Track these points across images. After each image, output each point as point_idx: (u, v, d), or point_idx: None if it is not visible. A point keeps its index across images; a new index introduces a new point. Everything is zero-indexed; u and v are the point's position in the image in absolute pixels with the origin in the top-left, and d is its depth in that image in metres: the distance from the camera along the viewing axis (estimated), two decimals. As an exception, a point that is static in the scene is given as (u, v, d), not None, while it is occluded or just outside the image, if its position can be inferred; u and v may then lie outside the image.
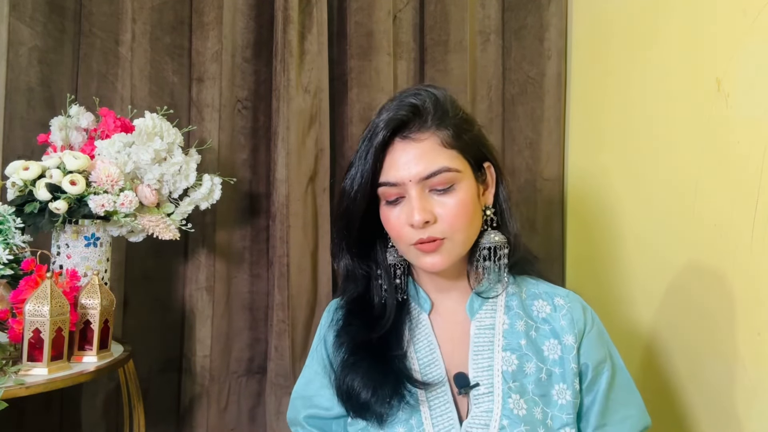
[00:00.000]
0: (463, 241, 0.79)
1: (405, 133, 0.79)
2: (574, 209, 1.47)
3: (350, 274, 0.89)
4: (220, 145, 1.32)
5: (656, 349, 1.13)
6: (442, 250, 0.78)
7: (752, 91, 0.92)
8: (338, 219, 0.86)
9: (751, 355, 0.91)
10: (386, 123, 0.78)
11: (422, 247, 0.78)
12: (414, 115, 0.79)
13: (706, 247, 1.01)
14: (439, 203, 0.78)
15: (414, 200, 0.77)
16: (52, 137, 1.14)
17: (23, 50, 1.20)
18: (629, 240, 1.23)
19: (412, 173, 0.77)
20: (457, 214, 0.77)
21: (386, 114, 0.79)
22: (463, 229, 0.79)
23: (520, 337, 0.81)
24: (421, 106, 0.79)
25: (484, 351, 0.80)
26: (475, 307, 0.84)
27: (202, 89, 1.34)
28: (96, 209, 1.03)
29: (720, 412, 0.97)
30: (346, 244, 0.86)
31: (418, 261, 0.80)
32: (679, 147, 1.08)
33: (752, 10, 0.92)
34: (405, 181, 0.77)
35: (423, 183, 0.77)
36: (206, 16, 1.33)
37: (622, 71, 1.28)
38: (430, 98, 0.80)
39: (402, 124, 0.79)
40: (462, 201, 0.78)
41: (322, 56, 1.35)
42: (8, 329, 0.96)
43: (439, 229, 0.77)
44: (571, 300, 0.85)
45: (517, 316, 0.83)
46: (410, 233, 0.78)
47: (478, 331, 0.82)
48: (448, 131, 0.79)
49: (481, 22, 1.50)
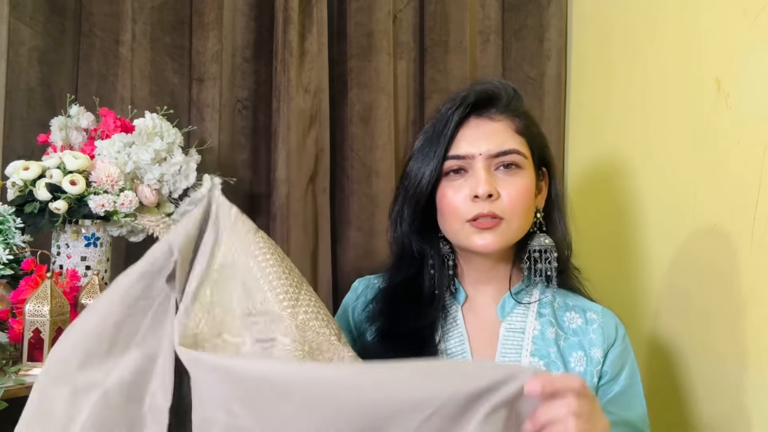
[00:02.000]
0: (517, 228, 0.80)
1: (481, 111, 0.81)
2: (573, 209, 1.47)
3: (405, 251, 0.87)
4: (220, 145, 1.32)
5: (656, 348, 1.13)
6: (497, 231, 0.78)
7: (752, 91, 0.92)
8: (405, 191, 0.85)
9: (751, 355, 0.91)
10: (468, 98, 0.81)
11: (479, 223, 0.78)
12: (494, 96, 0.82)
13: (706, 247, 1.01)
14: (502, 183, 0.78)
15: (480, 172, 0.78)
16: (52, 137, 1.14)
17: (23, 50, 1.20)
18: (629, 240, 1.23)
19: (482, 148, 0.78)
20: (519, 196, 0.78)
21: (466, 93, 0.82)
22: (521, 215, 0.79)
23: (550, 345, 0.81)
24: (502, 90, 0.82)
25: (512, 354, 0.80)
26: (506, 309, 0.84)
27: (202, 89, 1.33)
28: (96, 209, 1.03)
29: (720, 411, 0.97)
30: (409, 218, 0.85)
31: (469, 240, 0.79)
32: (679, 147, 1.08)
33: (752, 10, 0.92)
34: (475, 155, 0.78)
35: (491, 161, 0.79)
36: (206, 17, 1.33)
37: (622, 71, 1.28)
38: (508, 87, 0.84)
39: (483, 102, 0.81)
40: (525, 186, 0.79)
41: (322, 56, 1.35)
42: (8, 329, 0.96)
43: (499, 207, 0.77)
44: (604, 315, 0.85)
45: (549, 324, 0.83)
46: (469, 207, 0.78)
47: (508, 334, 0.82)
48: (520, 120, 0.82)
49: (481, 23, 1.50)
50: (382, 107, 1.38)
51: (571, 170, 1.48)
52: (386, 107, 1.38)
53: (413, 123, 1.47)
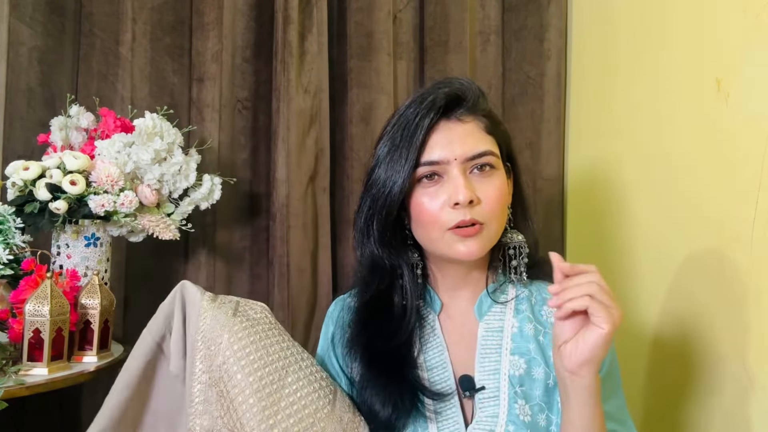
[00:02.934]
0: (496, 231, 0.78)
1: (450, 114, 0.79)
2: (573, 209, 1.47)
3: (376, 266, 0.83)
4: (220, 145, 1.32)
5: (655, 348, 1.13)
6: (480, 237, 0.76)
7: (752, 91, 0.92)
8: (373, 201, 0.81)
9: (751, 355, 0.91)
10: (437, 101, 0.78)
11: (461, 231, 0.75)
12: (462, 97, 0.79)
13: (706, 246, 1.01)
14: (479, 187, 0.76)
15: (458, 178, 0.75)
16: (52, 137, 1.14)
17: (23, 50, 1.20)
18: (629, 240, 1.23)
19: (457, 152, 0.76)
20: (497, 199, 0.77)
21: (433, 96, 0.78)
22: (499, 217, 0.78)
23: (529, 341, 0.80)
24: (468, 90, 0.80)
25: (492, 354, 0.79)
26: (483, 309, 0.83)
27: (202, 89, 1.34)
28: (96, 209, 1.03)
29: (719, 411, 0.97)
30: (379, 229, 0.81)
31: (452, 249, 0.76)
32: (679, 147, 1.08)
33: (752, 10, 0.92)
34: (450, 160, 0.76)
35: (466, 164, 0.76)
36: (206, 17, 1.33)
37: (621, 71, 1.28)
38: (473, 85, 0.82)
39: (451, 103, 0.78)
40: (501, 187, 0.78)
41: (322, 56, 1.35)
42: (8, 329, 0.96)
43: (479, 212, 0.75)
44: None
45: (527, 320, 0.81)
46: (449, 215, 0.75)
47: (486, 334, 0.81)
48: (488, 119, 0.80)
49: (481, 23, 1.50)
50: (382, 107, 1.39)
51: (571, 170, 1.48)
52: (386, 107, 1.38)
53: (413, 123, 1.47)
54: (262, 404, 0.69)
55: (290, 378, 0.73)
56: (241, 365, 0.71)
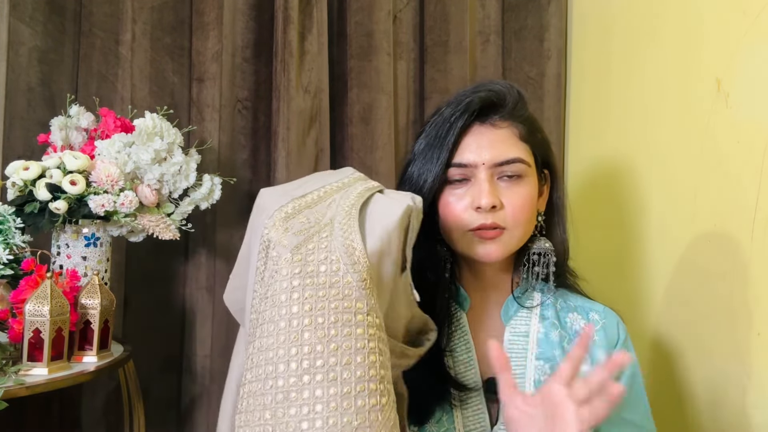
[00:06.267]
0: (519, 237, 0.79)
1: (485, 118, 0.79)
2: (573, 209, 1.47)
3: (427, 263, 0.81)
4: (220, 145, 1.32)
5: (657, 349, 1.13)
6: (500, 241, 0.77)
7: (752, 91, 0.92)
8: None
9: (752, 356, 0.91)
10: (472, 104, 0.78)
11: (482, 233, 0.77)
12: (498, 102, 0.80)
13: (706, 247, 1.01)
14: (506, 193, 0.77)
15: (483, 183, 0.76)
16: (52, 137, 1.14)
17: (23, 50, 1.20)
18: (629, 240, 1.23)
19: (486, 157, 0.77)
20: (523, 206, 0.78)
21: (470, 98, 0.79)
22: (523, 224, 0.79)
23: (554, 347, 0.81)
24: (507, 94, 0.80)
25: (518, 359, 0.80)
26: (510, 313, 0.84)
27: (202, 89, 1.34)
28: (96, 209, 1.03)
29: (719, 411, 0.97)
30: (428, 228, 0.79)
31: (471, 249, 0.78)
32: (679, 147, 1.08)
33: (752, 10, 0.92)
34: (478, 164, 0.77)
35: (494, 169, 0.77)
36: (206, 16, 1.33)
37: (622, 71, 1.28)
38: (513, 90, 0.82)
39: (488, 108, 0.79)
40: (528, 195, 0.78)
41: (322, 56, 1.35)
42: (8, 329, 0.96)
43: (502, 217, 0.77)
44: (606, 316, 0.85)
45: (552, 326, 0.82)
46: (472, 217, 0.77)
47: (512, 338, 0.81)
48: (524, 126, 0.80)
49: (481, 23, 1.50)
50: (382, 107, 1.38)
51: (571, 170, 1.48)
52: (386, 107, 1.38)
53: (413, 123, 1.47)
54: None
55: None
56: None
